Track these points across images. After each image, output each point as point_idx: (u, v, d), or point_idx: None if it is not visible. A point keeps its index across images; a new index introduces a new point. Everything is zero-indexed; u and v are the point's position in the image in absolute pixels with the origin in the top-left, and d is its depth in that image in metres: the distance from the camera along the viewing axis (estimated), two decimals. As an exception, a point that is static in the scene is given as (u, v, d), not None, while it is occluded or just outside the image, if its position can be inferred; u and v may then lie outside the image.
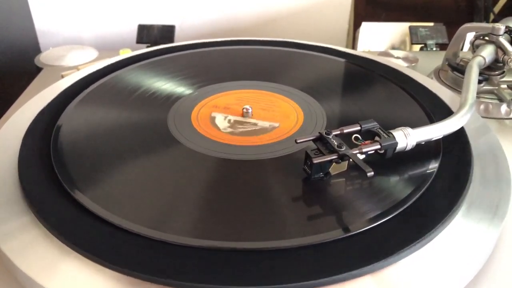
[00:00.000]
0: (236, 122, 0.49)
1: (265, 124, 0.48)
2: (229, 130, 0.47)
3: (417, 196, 0.37)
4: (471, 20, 1.04)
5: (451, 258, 0.33)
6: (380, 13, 1.05)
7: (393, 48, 0.97)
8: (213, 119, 0.49)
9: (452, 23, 0.87)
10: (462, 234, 0.35)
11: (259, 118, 0.49)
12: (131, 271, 0.30)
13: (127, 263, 0.31)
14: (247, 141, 0.45)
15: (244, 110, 0.49)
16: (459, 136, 0.44)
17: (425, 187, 0.38)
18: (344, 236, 0.33)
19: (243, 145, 0.45)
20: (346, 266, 0.31)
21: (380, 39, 0.99)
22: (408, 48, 0.95)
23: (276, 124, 0.48)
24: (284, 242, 0.33)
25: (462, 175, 0.40)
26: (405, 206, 0.36)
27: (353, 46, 1.03)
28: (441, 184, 0.39)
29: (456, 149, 0.43)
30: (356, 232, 0.34)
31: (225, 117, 0.50)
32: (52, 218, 0.35)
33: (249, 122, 0.49)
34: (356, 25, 1.03)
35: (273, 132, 0.47)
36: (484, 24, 0.60)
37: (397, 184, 0.39)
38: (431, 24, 0.87)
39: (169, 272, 0.30)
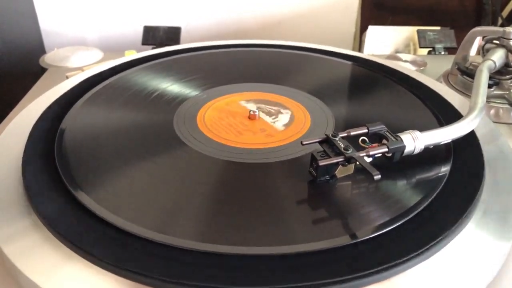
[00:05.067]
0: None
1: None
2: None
3: (427, 202, 0.36)
4: (478, 25, 1.03)
5: (461, 267, 0.32)
6: (386, 17, 1.05)
7: (397, 52, 0.96)
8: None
9: (459, 27, 0.87)
10: (473, 243, 0.34)
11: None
12: (135, 275, 0.30)
13: (131, 266, 0.30)
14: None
15: (251, 113, 0.49)
16: (470, 141, 0.44)
17: (435, 193, 0.37)
18: (350, 242, 0.33)
19: (249, 147, 0.44)
20: (352, 274, 0.30)
21: (387, 43, 0.98)
22: (412, 52, 0.94)
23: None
24: (289, 248, 0.32)
25: (473, 181, 0.39)
26: (414, 213, 0.35)
27: (360, 49, 1.03)
28: (451, 190, 0.38)
29: (467, 154, 0.42)
30: (362, 239, 0.33)
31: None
32: (55, 221, 0.34)
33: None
34: (362, 29, 1.03)
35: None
36: (495, 28, 0.60)
37: (406, 190, 0.38)
38: (438, 28, 0.87)
39: (174, 276, 0.30)
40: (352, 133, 0.40)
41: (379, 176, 0.35)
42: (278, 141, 0.45)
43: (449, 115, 0.49)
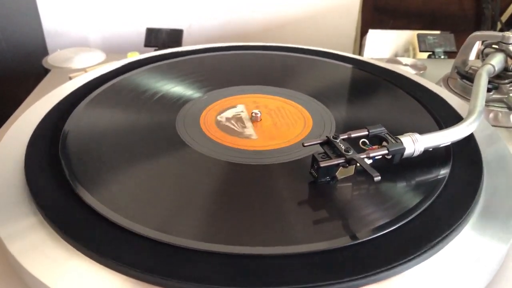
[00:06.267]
0: (236, 119, 0.50)
1: (249, 132, 0.48)
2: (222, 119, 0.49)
3: (426, 205, 0.37)
4: (478, 29, 1.03)
5: (460, 269, 0.33)
6: (387, 21, 1.06)
7: (397, 55, 0.97)
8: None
9: (459, 31, 0.87)
10: (471, 245, 0.35)
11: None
12: (138, 273, 0.30)
13: (134, 265, 0.31)
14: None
15: (253, 114, 0.49)
16: (469, 144, 0.44)
17: (435, 195, 0.38)
18: (349, 244, 0.33)
19: (250, 149, 0.45)
20: (352, 274, 0.30)
21: (387, 47, 0.99)
22: (412, 56, 0.95)
23: (255, 137, 0.47)
24: (288, 248, 0.32)
25: (472, 184, 0.39)
26: (413, 215, 0.35)
27: (360, 53, 1.03)
28: (450, 193, 0.38)
29: (466, 157, 0.43)
30: (362, 240, 0.33)
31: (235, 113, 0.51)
32: (59, 219, 0.34)
33: (243, 125, 0.49)
34: (363, 32, 1.04)
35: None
36: (494, 33, 0.60)
37: (405, 192, 0.39)
38: (438, 32, 0.88)
39: (175, 275, 0.30)
40: (352, 135, 0.40)
41: (379, 177, 0.35)
42: (279, 143, 0.46)
43: (449, 118, 0.49)
